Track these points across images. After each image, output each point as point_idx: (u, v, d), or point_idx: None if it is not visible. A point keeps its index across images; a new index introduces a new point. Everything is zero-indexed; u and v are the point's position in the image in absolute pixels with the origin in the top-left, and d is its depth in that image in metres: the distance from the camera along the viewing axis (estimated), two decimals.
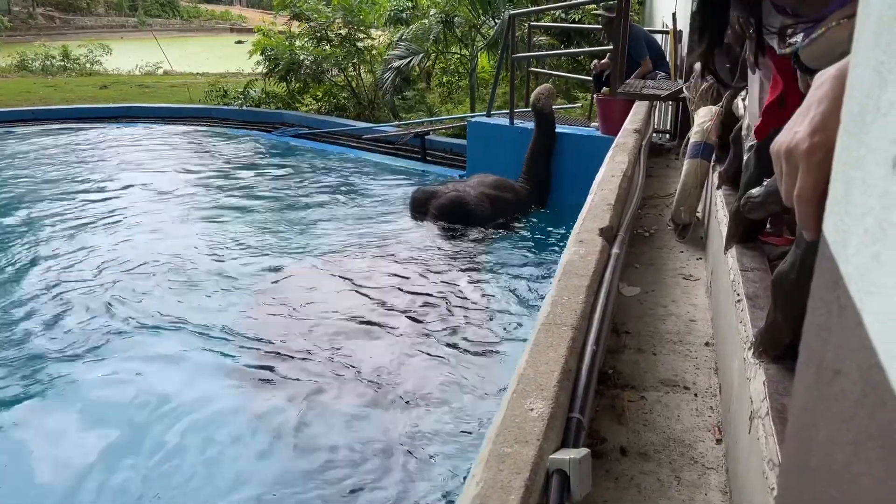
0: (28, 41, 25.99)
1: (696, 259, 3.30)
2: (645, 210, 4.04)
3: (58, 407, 3.62)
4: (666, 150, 5.86)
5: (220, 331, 4.38)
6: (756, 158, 2.04)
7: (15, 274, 5.43)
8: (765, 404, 1.36)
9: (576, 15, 10.70)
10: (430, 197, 6.37)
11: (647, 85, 6.07)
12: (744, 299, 1.84)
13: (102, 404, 3.64)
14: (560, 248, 5.84)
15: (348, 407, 3.53)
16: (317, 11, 12.37)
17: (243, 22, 40.56)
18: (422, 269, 5.42)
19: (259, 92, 13.02)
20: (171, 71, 19.05)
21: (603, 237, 2.33)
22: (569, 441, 1.37)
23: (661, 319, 2.67)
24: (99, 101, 13.73)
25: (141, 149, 10.53)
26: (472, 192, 6.32)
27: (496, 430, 1.29)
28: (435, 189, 6.50)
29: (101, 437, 3.33)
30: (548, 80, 11.15)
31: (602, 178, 3.05)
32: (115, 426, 3.42)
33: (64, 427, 3.44)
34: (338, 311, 4.61)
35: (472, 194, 6.30)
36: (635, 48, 6.94)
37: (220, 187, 8.21)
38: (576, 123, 8.20)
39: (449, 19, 11.01)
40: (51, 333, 4.42)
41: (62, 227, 6.51)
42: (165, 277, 5.20)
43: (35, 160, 9.63)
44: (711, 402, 2.11)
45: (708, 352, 2.41)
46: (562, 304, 1.77)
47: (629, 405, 2.09)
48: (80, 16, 38.55)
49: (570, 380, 1.52)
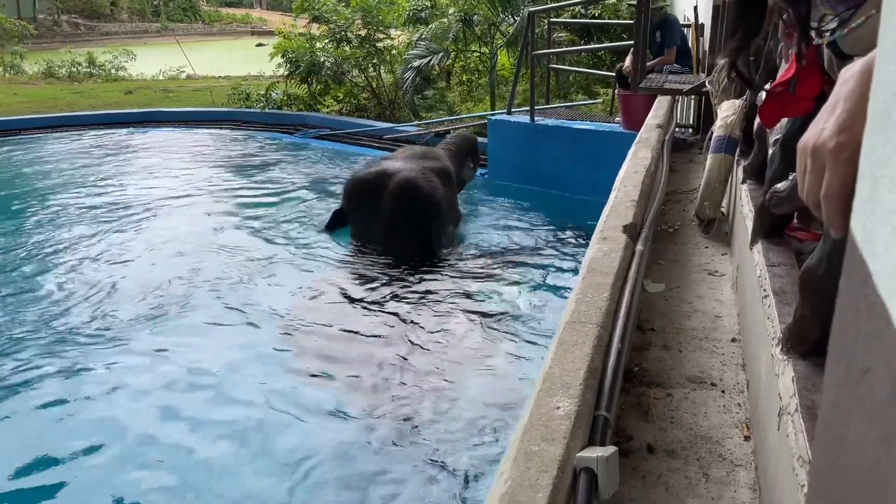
0: (54, 48, 26.39)
1: (720, 255, 3.28)
2: (668, 206, 4.01)
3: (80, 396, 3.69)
4: (689, 144, 5.82)
5: (244, 330, 4.43)
6: (782, 152, 2.03)
7: (41, 269, 5.57)
8: (794, 401, 1.36)
9: (595, 10, 10.64)
10: (378, 179, 5.65)
11: (668, 79, 6.03)
12: (771, 295, 1.82)
13: (139, 391, 3.73)
14: (583, 245, 5.82)
15: (371, 404, 3.55)
16: (336, 13, 12.43)
17: (264, 25, 40.83)
18: (444, 267, 5.42)
19: (281, 94, 13.11)
20: (194, 75, 19.26)
21: (627, 234, 2.32)
22: (596, 439, 1.37)
23: (687, 316, 2.65)
24: (124, 107, 13.92)
25: (166, 152, 10.65)
26: (416, 170, 5.75)
27: (523, 429, 1.30)
28: (378, 171, 5.76)
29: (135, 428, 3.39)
30: (568, 75, 11.12)
31: (625, 175, 3.04)
32: (143, 419, 3.48)
33: (90, 414, 3.50)
34: (362, 308, 4.63)
35: (418, 171, 5.74)
36: (669, 36, 6.89)
37: (243, 189, 8.29)
38: (597, 119, 8.15)
39: (468, 18, 11.00)
40: (77, 321, 4.54)
41: (89, 228, 6.61)
42: (187, 278, 5.26)
43: (62, 165, 9.78)
44: (739, 399, 2.10)
45: (735, 348, 2.39)
46: (586, 302, 1.77)
47: (655, 402, 2.09)
48: (105, 22, 39.05)
49: (596, 378, 1.52)
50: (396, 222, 5.50)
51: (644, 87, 5.66)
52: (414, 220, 5.52)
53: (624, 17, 9.64)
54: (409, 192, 5.54)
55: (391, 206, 5.49)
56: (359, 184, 5.69)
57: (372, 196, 5.56)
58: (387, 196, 5.51)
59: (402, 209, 5.48)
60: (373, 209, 5.55)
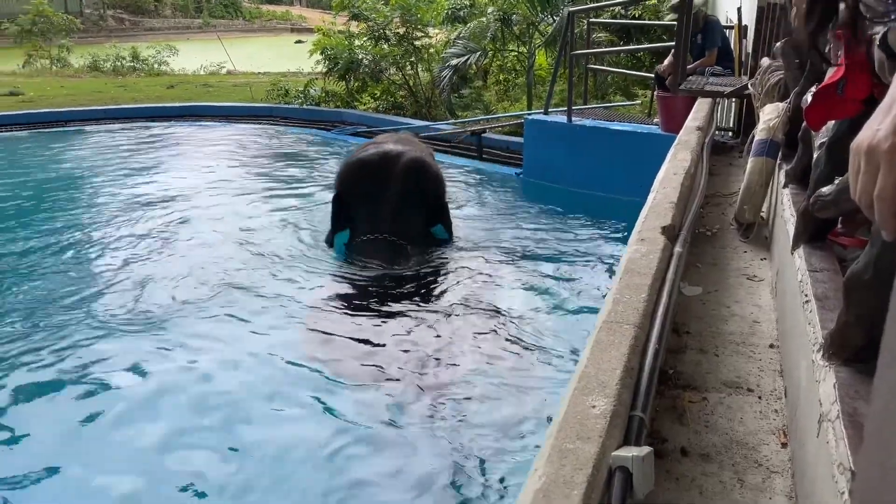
0: (99, 42, 26.99)
1: (760, 259, 3.23)
2: (707, 209, 3.96)
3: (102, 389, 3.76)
4: (729, 147, 5.74)
5: (268, 325, 4.47)
6: (827, 156, 1.99)
7: (73, 258, 5.74)
8: (835, 407, 1.33)
9: (636, 11, 10.55)
10: (383, 160, 5.54)
11: (709, 82, 5.95)
12: (812, 300, 1.79)
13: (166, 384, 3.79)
14: (617, 245, 5.78)
15: (400, 401, 3.56)
16: (375, 11, 12.50)
17: (303, 22, 41.21)
18: (479, 263, 5.42)
19: (319, 91, 13.22)
20: (234, 70, 19.50)
21: (665, 236, 2.30)
22: (631, 439, 1.37)
23: (724, 320, 2.62)
24: (166, 101, 14.17)
25: (205, 147, 10.82)
26: (419, 151, 5.76)
27: (558, 426, 1.30)
28: (381, 152, 5.62)
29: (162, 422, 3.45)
30: (606, 76, 11.04)
31: (664, 176, 3.01)
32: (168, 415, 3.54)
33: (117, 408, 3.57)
34: (388, 304, 4.64)
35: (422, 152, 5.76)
36: (710, 38, 6.82)
37: (278, 184, 8.39)
38: (635, 120, 8.08)
39: (507, 17, 10.98)
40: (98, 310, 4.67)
41: (123, 220, 6.75)
42: (216, 273, 5.33)
43: (104, 157, 10.00)
44: (776, 405, 2.07)
45: (773, 353, 2.36)
46: (623, 303, 1.76)
47: (690, 406, 2.07)
48: (149, 18, 39.79)
49: (633, 378, 1.51)
50: (407, 202, 5.47)
51: (684, 90, 5.60)
52: (424, 199, 5.55)
53: (664, 18, 9.55)
54: (420, 172, 5.55)
55: (401, 186, 5.47)
56: (363, 165, 5.59)
57: (376, 178, 5.49)
58: (395, 176, 5.47)
59: (413, 189, 5.48)
60: (377, 190, 5.48)
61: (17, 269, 5.51)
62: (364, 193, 5.50)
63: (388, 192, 5.45)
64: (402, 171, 5.46)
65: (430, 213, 5.64)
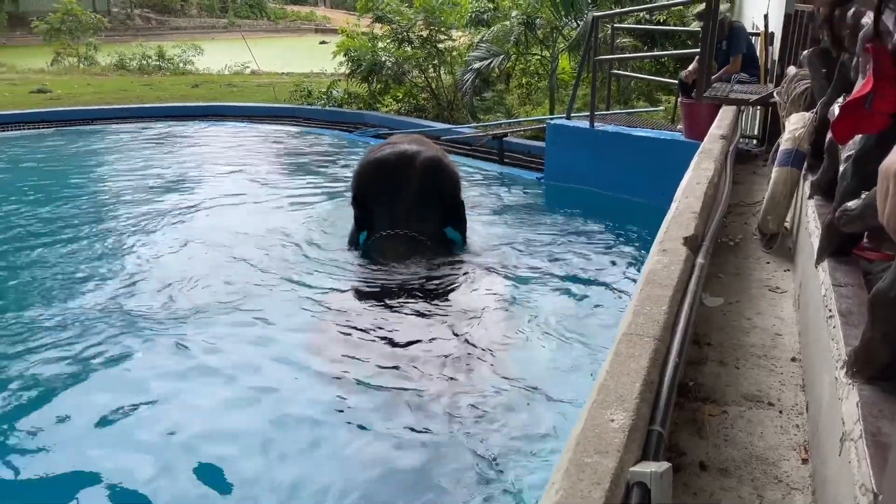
0: (126, 41, 27.35)
1: (783, 270, 3.19)
2: (730, 218, 3.93)
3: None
4: (753, 155, 5.68)
5: (284, 328, 4.49)
6: (854, 169, 1.97)
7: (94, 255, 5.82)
8: (858, 427, 1.32)
9: (660, 16, 10.49)
10: (400, 159, 5.54)
11: (734, 89, 5.90)
12: (836, 315, 1.77)
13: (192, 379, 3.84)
14: (641, 252, 5.74)
15: (415, 409, 3.55)
16: (399, 14, 12.54)
17: (327, 23, 41.47)
18: (498, 267, 5.40)
19: (342, 92, 13.29)
20: (258, 70, 19.66)
21: (687, 246, 2.29)
22: (649, 454, 1.36)
23: (745, 332, 2.59)
24: (190, 100, 14.32)
25: (228, 146, 10.92)
26: (434, 150, 5.77)
27: (576, 440, 1.29)
28: (397, 152, 5.61)
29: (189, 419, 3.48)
30: (629, 81, 10.99)
31: (687, 185, 2.99)
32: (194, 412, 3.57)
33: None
34: (406, 310, 4.63)
35: (438, 152, 5.77)
36: (735, 45, 6.78)
37: (299, 185, 8.44)
38: (658, 127, 8.04)
39: (531, 21, 10.97)
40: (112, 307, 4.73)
41: (145, 218, 6.83)
42: (232, 272, 5.37)
43: (128, 155, 10.13)
44: (797, 420, 2.04)
45: (794, 367, 2.33)
46: (644, 315, 1.75)
47: (710, 419, 2.05)
48: (175, 17, 40.27)
49: (652, 392, 1.50)
50: (423, 201, 5.49)
51: (709, 97, 5.55)
52: (441, 198, 5.57)
53: (689, 23, 9.48)
54: (437, 170, 5.57)
55: (418, 185, 5.48)
56: (380, 165, 5.59)
57: (393, 177, 5.51)
58: (413, 175, 5.48)
59: (429, 188, 5.50)
60: (394, 190, 5.50)
61: (36, 266, 5.61)
62: (381, 193, 5.51)
63: (405, 192, 5.47)
64: (419, 169, 5.48)
65: (446, 212, 5.66)
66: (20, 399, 3.67)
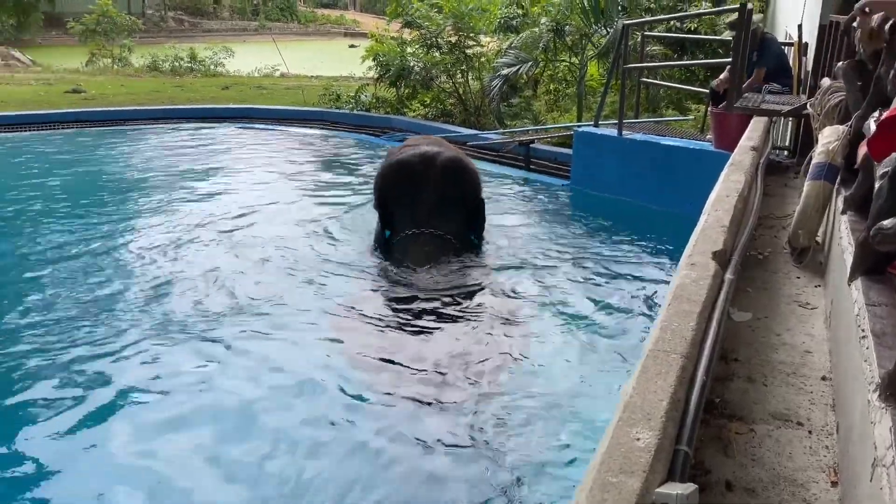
0: (159, 43, 27.74)
1: (813, 286, 3.14)
2: (760, 231, 3.87)
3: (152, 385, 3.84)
4: (784, 167, 5.60)
5: (315, 329, 4.51)
6: (890, 186, 1.93)
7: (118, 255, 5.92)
8: (890, 452, 1.29)
9: (691, 25, 10.39)
10: (422, 161, 5.58)
11: (766, 100, 5.82)
12: (869, 336, 1.74)
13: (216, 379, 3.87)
14: (667, 262, 5.68)
15: (436, 421, 3.53)
16: (428, 19, 12.57)
17: (357, 27, 41.73)
18: (524, 274, 5.38)
19: (370, 96, 13.35)
20: (288, 73, 19.84)
21: (716, 261, 2.26)
22: (675, 474, 1.34)
23: (774, 348, 2.55)
24: (220, 101, 14.48)
25: (255, 149, 11.02)
26: (454, 151, 5.89)
27: (600, 458, 1.28)
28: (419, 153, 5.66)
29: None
30: (658, 90, 10.90)
31: (716, 198, 2.96)
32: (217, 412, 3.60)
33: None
34: (429, 318, 4.62)
35: (458, 153, 5.87)
36: (764, 56, 6.70)
37: (326, 188, 8.49)
38: (687, 136, 7.96)
39: (560, 28, 10.92)
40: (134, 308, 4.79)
41: (172, 218, 6.93)
42: (264, 274, 5.42)
43: (158, 156, 10.27)
44: (827, 442, 2.00)
45: (825, 387, 2.29)
46: (672, 331, 1.73)
47: (736, 437, 2.02)
48: (207, 20, 40.78)
49: (679, 410, 1.48)
50: (446, 202, 5.52)
51: (740, 107, 5.49)
52: (463, 198, 5.60)
53: (721, 32, 9.38)
54: (458, 171, 5.63)
55: (441, 186, 5.52)
56: (403, 167, 5.64)
57: (414, 179, 5.56)
58: (435, 176, 5.54)
59: (452, 189, 5.55)
60: (417, 191, 5.54)
61: (64, 263, 5.72)
62: (403, 194, 5.56)
63: (427, 192, 5.52)
64: (440, 171, 5.54)
65: (468, 211, 5.69)
66: (54, 396, 3.74)
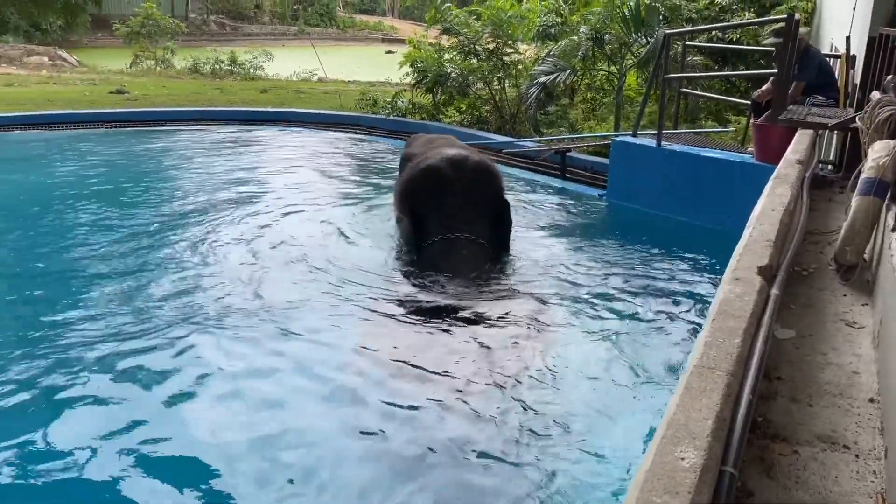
0: (201, 46, 28.27)
1: (861, 304, 3.05)
2: (804, 246, 3.77)
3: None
4: (829, 182, 5.47)
5: (346, 334, 4.51)
6: None
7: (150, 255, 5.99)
8: None
9: (734, 35, 10.25)
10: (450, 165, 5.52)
11: (812, 112, 5.70)
12: None
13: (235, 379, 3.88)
14: (706, 276, 5.57)
15: (474, 435, 3.47)
16: (467, 26, 12.59)
17: (394, 33, 42.03)
18: (560, 284, 5.31)
19: (406, 102, 13.41)
20: (325, 78, 20.05)
21: (761, 276, 2.20)
22: (720, 496, 1.29)
23: (820, 368, 2.47)
24: (259, 104, 14.68)
25: (292, 152, 11.12)
26: (477, 154, 5.87)
27: (644, 477, 1.24)
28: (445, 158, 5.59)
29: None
30: (698, 100, 10.76)
31: (761, 212, 2.89)
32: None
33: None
34: (459, 328, 4.56)
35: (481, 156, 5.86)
36: (807, 70, 6.58)
37: (361, 191, 8.53)
38: (728, 148, 7.83)
39: (599, 36, 10.86)
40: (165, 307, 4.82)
41: (213, 217, 7.01)
42: (297, 275, 5.44)
43: (196, 156, 10.43)
44: (875, 466, 1.93)
45: (873, 409, 2.21)
46: (716, 347, 1.68)
47: (780, 459, 1.96)
48: (248, 24, 41.43)
49: (724, 430, 1.44)
50: (474, 204, 5.46)
51: (785, 119, 5.37)
52: (492, 201, 5.56)
53: (763, 39, 9.23)
54: (488, 175, 5.60)
55: (471, 190, 5.46)
56: (432, 172, 5.55)
57: (443, 184, 5.48)
58: (465, 180, 5.47)
59: (482, 192, 5.50)
60: (446, 196, 5.46)
61: (101, 259, 5.82)
62: (433, 199, 5.48)
63: (457, 197, 5.44)
64: (471, 174, 5.49)
65: (494, 214, 5.61)
66: (84, 387, 3.78)
